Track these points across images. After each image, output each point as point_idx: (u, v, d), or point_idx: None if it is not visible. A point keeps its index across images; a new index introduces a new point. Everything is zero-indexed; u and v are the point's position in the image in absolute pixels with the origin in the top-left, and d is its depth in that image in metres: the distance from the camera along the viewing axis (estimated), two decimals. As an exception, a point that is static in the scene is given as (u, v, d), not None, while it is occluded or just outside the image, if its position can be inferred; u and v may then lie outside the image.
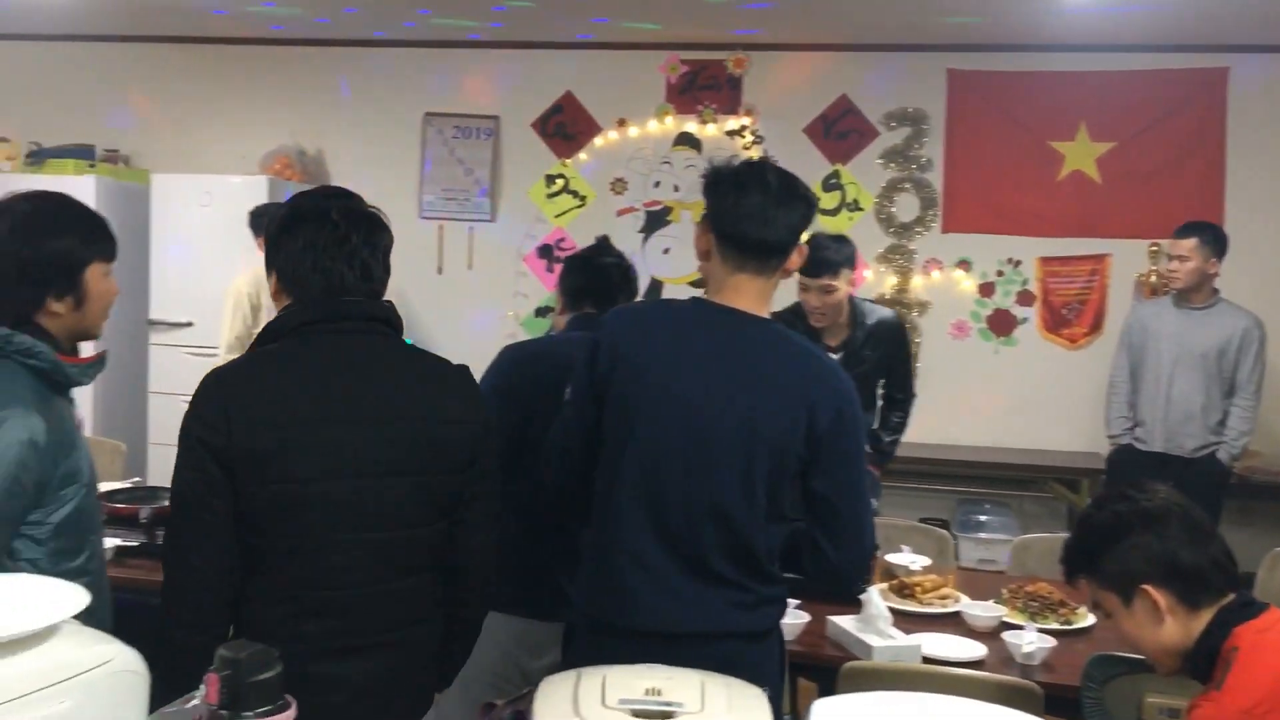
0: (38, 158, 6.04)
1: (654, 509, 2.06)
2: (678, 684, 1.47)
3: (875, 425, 4.09)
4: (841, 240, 3.85)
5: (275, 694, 1.24)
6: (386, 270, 2.05)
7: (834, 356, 3.83)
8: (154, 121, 6.55)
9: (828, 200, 5.96)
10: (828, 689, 2.58)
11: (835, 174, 5.98)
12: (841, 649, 2.74)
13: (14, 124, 6.37)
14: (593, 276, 2.79)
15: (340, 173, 6.43)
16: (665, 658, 1.76)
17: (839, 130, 5.97)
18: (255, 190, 5.72)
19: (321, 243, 1.97)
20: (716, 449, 2.04)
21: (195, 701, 1.37)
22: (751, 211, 2.07)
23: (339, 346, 1.95)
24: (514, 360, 2.68)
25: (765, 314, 2.16)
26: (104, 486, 3.78)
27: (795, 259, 2.14)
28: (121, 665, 1.39)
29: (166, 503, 3.60)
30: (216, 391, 1.89)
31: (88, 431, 5.60)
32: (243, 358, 2.02)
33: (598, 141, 6.17)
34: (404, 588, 1.98)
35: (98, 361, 2.10)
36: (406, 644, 1.99)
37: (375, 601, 1.94)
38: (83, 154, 6.08)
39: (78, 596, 1.40)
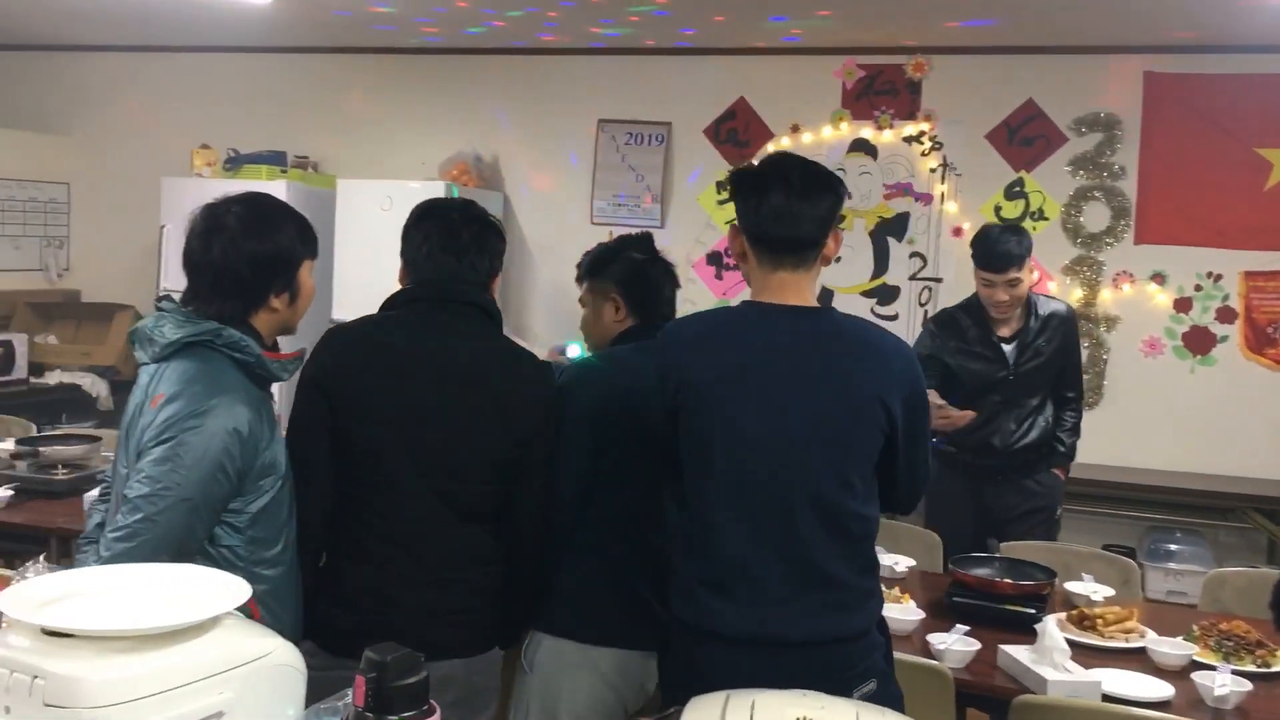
0: (235, 164, 6.35)
1: (754, 518, 2.04)
2: (830, 715, 1.40)
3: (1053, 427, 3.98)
4: (1019, 231, 3.81)
5: (420, 698, 1.24)
6: (493, 269, 2.38)
7: (1008, 347, 3.85)
8: (341, 129, 6.81)
9: (1010, 209, 5.73)
10: (997, 722, 2.46)
11: (1019, 182, 5.74)
12: (1014, 680, 2.59)
13: (214, 131, 6.73)
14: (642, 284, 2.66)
15: (514, 178, 6.56)
16: (765, 665, 1.94)
17: (1024, 136, 5.72)
18: (433, 195, 5.86)
19: (437, 237, 2.32)
20: (806, 446, 2.04)
21: (346, 700, 1.37)
22: (776, 211, 2.09)
23: (437, 320, 2.29)
24: (587, 388, 2.52)
25: (814, 303, 2.16)
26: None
27: (832, 245, 2.16)
28: (280, 659, 1.41)
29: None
30: (330, 341, 2.28)
31: (273, 425, 5.85)
32: (360, 318, 2.35)
33: (770, 147, 6.09)
34: (462, 534, 2.25)
35: (298, 357, 2.17)
36: (465, 583, 2.26)
37: (436, 542, 2.23)
38: (275, 160, 6.37)
39: (240, 589, 1.43)
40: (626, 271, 2.61)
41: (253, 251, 2.06)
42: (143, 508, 1.88)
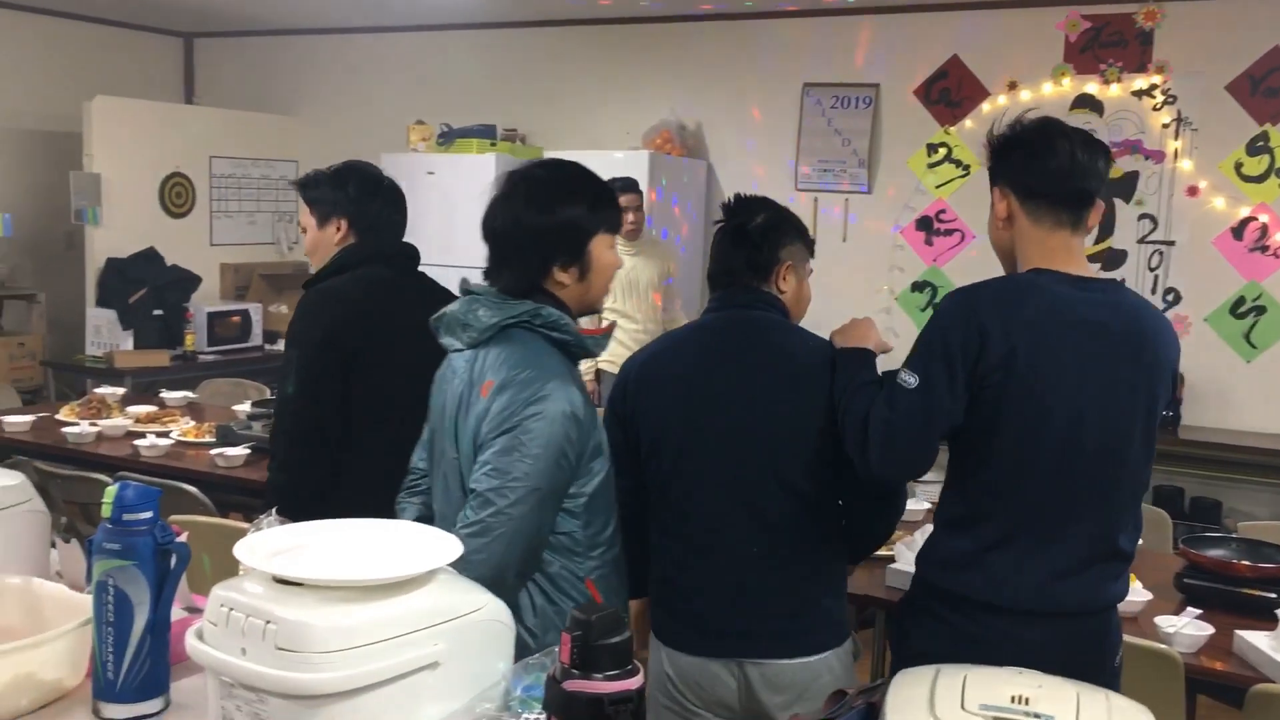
0: (448, 138, 6.55)
1: (1074, 488, 2.00)
2: (1048, 694, 1.32)
3: None
4: None
5: (625, 658, 1.24)
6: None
7: None
8: (548, 100, 6.94)
9: (1253, 165, 5.31)
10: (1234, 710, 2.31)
11: (1263, 136, 5.31)
12: (1251, 668, 2.43)
13: (429, 107, 6.97)
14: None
15: (718, 146, 6.53)
16: (1045, 634, 1.94)
17: (1269, 86, 5.28)
18: (637, 164, 5.92)
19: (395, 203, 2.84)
20: (1131, 418, 2.02)
21: (554, 657, 1.40)
22: (1064, 166, 2.05)
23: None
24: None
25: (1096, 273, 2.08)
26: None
27: (1094, 215, 2.10)
28: (490, 614, 1.45)
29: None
30: (322, 304, 2.67)
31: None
32: (340, 280, 2.71)
33: (985, 107, 5.84)
34: None
35: (608, 333, 2.09)
36: None
37: None
38: (485, 133, 6.53)
39: (453, 546, 1.47)
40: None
41: (533, 222, 1.96)
42: (494, 500, 1.84)
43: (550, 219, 1.96)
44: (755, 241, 2.30)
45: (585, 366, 5.40)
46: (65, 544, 1.81)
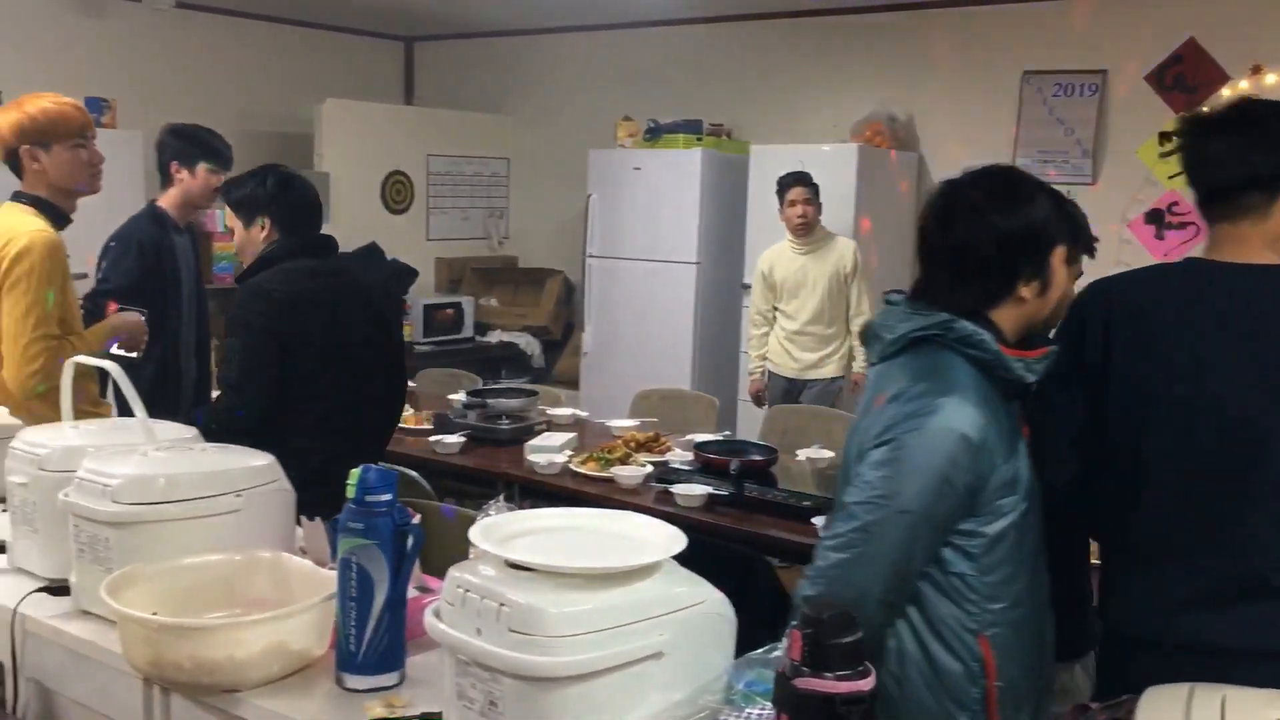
0: (654, 133, 6.61)
1: (1201, 509, 1.79)
2: (1322, 721, 1.22)
3: None
4: None
5: (857, 658, 1.22)
6: None
7: None
8: (754, 95, 6.90)
9: None
10: None
11: None
12: None
13: (636, 103, 7.05)
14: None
15: (930, 138, 6.35)
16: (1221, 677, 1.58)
17: None
18: (845, 158, 5.82)
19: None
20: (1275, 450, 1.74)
21: (778, 653, 1.39)
22: (1218, 152, 1.87)
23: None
24: None
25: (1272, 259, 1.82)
26: (698, 437, 4.07)
27: None
28: (713, 607, 1.45)
29: (755, 456, 3.79)
30: (256, 296, 2.86)
31: (684, 385, 6.07)
32: (269, 273, 2.91)
33: (1225, 92, 5.46)
34: None
35: (1046, 355, 1.82)
36: None
37: None
38: (691, 128, 6.56)
39: (678, 538, 1.48)
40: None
41: (1002, 227, 1.77)
42: (859, 515, 1.72)
43: (1016, 221, 1.77)
44: None
45: (753, 367, 5.35)
46: (309, 521, 1.91)
